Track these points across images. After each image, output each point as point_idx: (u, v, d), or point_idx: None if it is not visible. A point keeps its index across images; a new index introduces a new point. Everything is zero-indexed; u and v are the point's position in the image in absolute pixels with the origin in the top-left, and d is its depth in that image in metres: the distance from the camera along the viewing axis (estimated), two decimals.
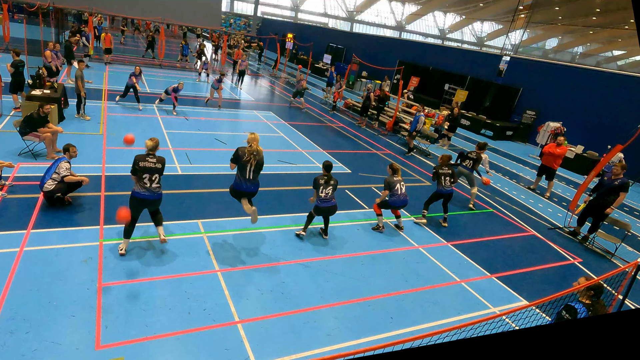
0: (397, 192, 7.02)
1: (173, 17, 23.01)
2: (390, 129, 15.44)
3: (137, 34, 36.84)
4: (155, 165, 5.08)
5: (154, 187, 5.11)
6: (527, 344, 1.02)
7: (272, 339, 4.35)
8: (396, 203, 7.08)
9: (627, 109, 14.79)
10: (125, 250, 5.34)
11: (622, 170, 7.85)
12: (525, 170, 13.48)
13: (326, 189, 6.33)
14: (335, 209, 6.50)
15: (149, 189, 5.08)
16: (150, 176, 5.05)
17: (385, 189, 7.08)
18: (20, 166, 7.37)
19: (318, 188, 6.34)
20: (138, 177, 5.05)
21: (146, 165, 5.04)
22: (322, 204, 6.36)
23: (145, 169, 5.03)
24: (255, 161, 5.54)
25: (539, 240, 8.07)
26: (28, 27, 15.95)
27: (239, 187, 5.64)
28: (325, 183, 6.35)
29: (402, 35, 59.44)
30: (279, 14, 59.47)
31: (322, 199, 6.34)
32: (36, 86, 10.10)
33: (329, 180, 6.38)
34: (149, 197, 5.10)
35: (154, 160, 5.10)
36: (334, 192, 6.43)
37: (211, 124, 12.52)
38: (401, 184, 7.08)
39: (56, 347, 3.82)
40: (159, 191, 5.20)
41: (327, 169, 6.46)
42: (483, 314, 5.40)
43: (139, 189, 5.07)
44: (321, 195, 6.32)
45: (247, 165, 5.53)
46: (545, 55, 46.27)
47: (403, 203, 7.12)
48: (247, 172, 5.56)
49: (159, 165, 5.12)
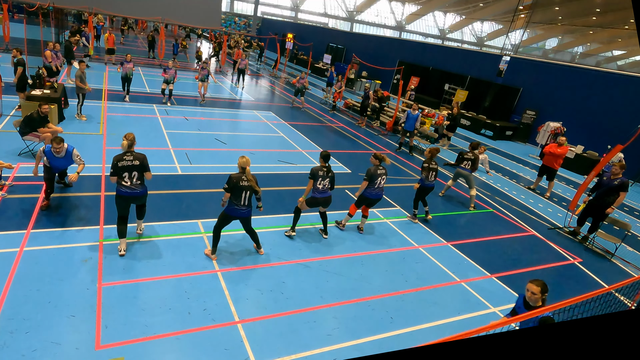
0: (376, 184, 6.69)
1: (173, 17, 23.01)
2: (390, 129, 15.44)
3: (132, 33, 36.79)
4: (132, 163, 5.13)
5: (134, 184, 5.18)
6: (527, 344, 1.02)
7: (272, 339, 4.35)
8: (371, 195, 6.73)
9: (627, 109, 14.79)
10: (125, 250, 5.35)
11: (621, 169, 7.85)
12: (525, 170, 13.48)
13: (324, 180, 6.15)
14: (330, 200, 6.35)
15: (129, 186, 5.15)
16: (129, 174, 5.12)
17: (366, 179, 6.67)
18: (20, 166, 7.37)
19: (316, 179, 6.12)
20: (118, 177, 5.12)
21: (125, 164, 5.10)
22: (319, 195, 6.17)
23: (125, 167, 5.09)
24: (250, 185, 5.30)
25: (539, 240, 8.07)
26: (28, 27, 15.96)
27: (234, 213, 5.37)
28: (324, 175, 6.14)
29: (402, 35, 59.45)
30: (279, 14, 59.48)
31: (320, 190, 6.17)
32: (36, 86, 10.10)
33: (327, 172, 6.19)
34: (132, 194, 5.19)
35: (130, 158, 5.15)
36: (331, 184, 6.26)
37: (211, 124, 12.52)
38: (382, 177, 6.75)
39: (56, 347, 3.81)
40: (141, 188, 5.28)
41: (325, 159, 6.23)
42: (483, 314, 5.40)
43: (121, 187, 5.15)
44: (318, 187, 6.14)
45: (243, 192, 5.28)
46: (545, 55, 46.27)
47: (377, 197, 6.79)
48: (243, 198, 5.31)
49: (136, 162, 5.15)
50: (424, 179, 7.67)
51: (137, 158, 5.19)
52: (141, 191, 5.29)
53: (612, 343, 1.04)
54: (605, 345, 1.02)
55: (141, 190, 5.29)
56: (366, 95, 15.50)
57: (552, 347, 1.00)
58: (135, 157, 5.17)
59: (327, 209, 6.65)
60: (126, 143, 5.23)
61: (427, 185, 7.70)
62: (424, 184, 7.69)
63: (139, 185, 5.24)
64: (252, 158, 10.06)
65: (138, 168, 5.17)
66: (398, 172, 10.88)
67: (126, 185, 5.13)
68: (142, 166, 5.21)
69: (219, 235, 5.55)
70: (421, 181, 7.71)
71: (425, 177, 7.64)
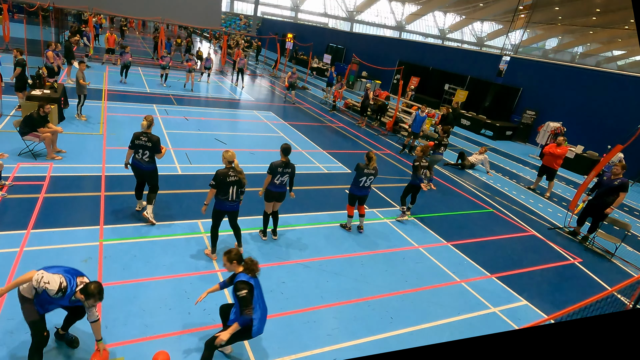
0: (360, 182, 6.71)
1: (173, 17, 23.02)
2: (390, 129, 15.44)
3: (132, 33, 36.79)
4: (145, 144, 5.96)
5: (142, 159, 6.03)
6: (527, 344, 1.02)
7: (272, 339, 4.34)
8: (354, 191, 6.81)
9: (627, 109, 14.79)
10: (140, 208, 6.44)
11: (622, 170, 7.85)
12: (525, 170, 13.48)
13: (283, 176, 5.90)
14: (284, 196, 6.12)
15: (139, 160, 6.04)
16: (142, 152, 5.97)
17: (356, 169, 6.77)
18: (20, 166, 7.37)
19: (275, 175, 5.87)
20: (134, 151, 6.02)
21: (139, 143, 5.97)
22: (274, 189, 5.95)
23: (139, 145, 5.97)
24: (238, 179, 5.30)
25: (539, 240, 8.07)
26: (28, 27, 15.96)
27: (224, 207, 5.39)
28: (282, 171, 5.87)
29: (402, 35, 59.45)
30: (279, 14, 59.47)
31: (276, 185, 5.95)
32: (36, 86, 10.10)
33: (286, 167, 5.90)
34: (140, 167, 6.04)
35: (145, 139, 5.97)
36: (289, 179, 6.03)
37: (211, 124, 12.52)
38: (369, 177, 6.71)
39: (56, 347, 3.81)
40: (146, 164, 6.05)
41: (285, 152, 5.92)
42: (483, 314, 5.40)
43: (134, 159, 6.07)
44: (276, 182, 5.92)
45: (230, 187, 5.28)
46: (545, 55, 46.27)
47: (360, 193, 6.82)
48: (231, 194, 5.31)
49: (149, 143, 5.96)
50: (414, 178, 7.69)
51: (151, 140, 6.01)
52: (146, 167, 6.06)
53: (612, 343, 1.04)
54: (605, 345, 1.02)
55: (146, 166, 6.06)
56: (366, 95, 15.50)
57: (552, 347, 1.00)
58: (149, 139, 6.00)
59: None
60: (145, 124, 6.05)
61: (417, 183, 7.72)
62: (413, 182, 7.72)
63: (146, 162, 6.03)
64: (252, 158, 10.11)
65: (150, 148, 6.00)
66: (399, 172, 10.88)
67: (137, 158, 6.04)
68: (153, 147, 6.02)
69: (216, 235, 5.59)
70: (412, 180, 7.74)
71: (416, 176, 7.64)
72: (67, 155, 8.21)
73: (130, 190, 6.77)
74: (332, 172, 9.97)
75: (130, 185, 6.75)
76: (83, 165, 7.92)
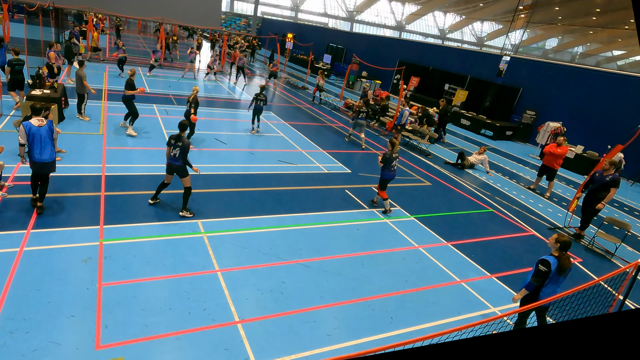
0: (392, 167, 7.75)
1: (173, 17, 23.00)
2: (390, 129, 15.44)
3: (132, 33, 36.75)
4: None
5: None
6: (527, 344, 1.02)
7: (272, 339, 4.35)
8: (389, 176, 7.81)
9: (627, 109, 14.79)
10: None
11: (611, 166, 7.92)
12: (525, 170, 13.47)
13: (175, 149, 6.54)
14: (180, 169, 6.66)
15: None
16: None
17: (382, 162, 7.71)
18: (20, 166, 7.37)
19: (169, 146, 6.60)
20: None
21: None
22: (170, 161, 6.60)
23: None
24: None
25: (539, 240, 8.07)
26: (28, 27, 15.96)
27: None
28: (174, 143, 6.57)
29: (402, 35, 59.45)
30: (279, 14, 59.47)
31: (170, 157, 6.59)
32: (36, 86, 10.10)
33: (177, 141, 6.56)
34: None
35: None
36: (181, 154, 6.52)
37: (211, 124, 12.52)
38: (396, 159, 7.85)
39: (56, 347, 3.82)
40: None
41: (180, 128, 6.73)
42: (483, 314, 5.41)
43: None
44: (171, 154, 6.56)
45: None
46: (545, 55, 46.28)
47: (393, 176, 7.91)
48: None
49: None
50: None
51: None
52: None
53: (612, 343, 1.04)
54: (605, 345, 1.02)
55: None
56: (365, 94, 15.52)
57: (552, 347, 1.00)
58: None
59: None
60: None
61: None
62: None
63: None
64: (252, 158, 10.11)
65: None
66: (399, 172, 10.86)
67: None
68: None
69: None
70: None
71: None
72: (67, 155, 8.20)
73: (130, 190, 6.76)
74: (332, 172, 9.97)
75: (131, 185, 6.75)
76: (83, 165, 7.92)
